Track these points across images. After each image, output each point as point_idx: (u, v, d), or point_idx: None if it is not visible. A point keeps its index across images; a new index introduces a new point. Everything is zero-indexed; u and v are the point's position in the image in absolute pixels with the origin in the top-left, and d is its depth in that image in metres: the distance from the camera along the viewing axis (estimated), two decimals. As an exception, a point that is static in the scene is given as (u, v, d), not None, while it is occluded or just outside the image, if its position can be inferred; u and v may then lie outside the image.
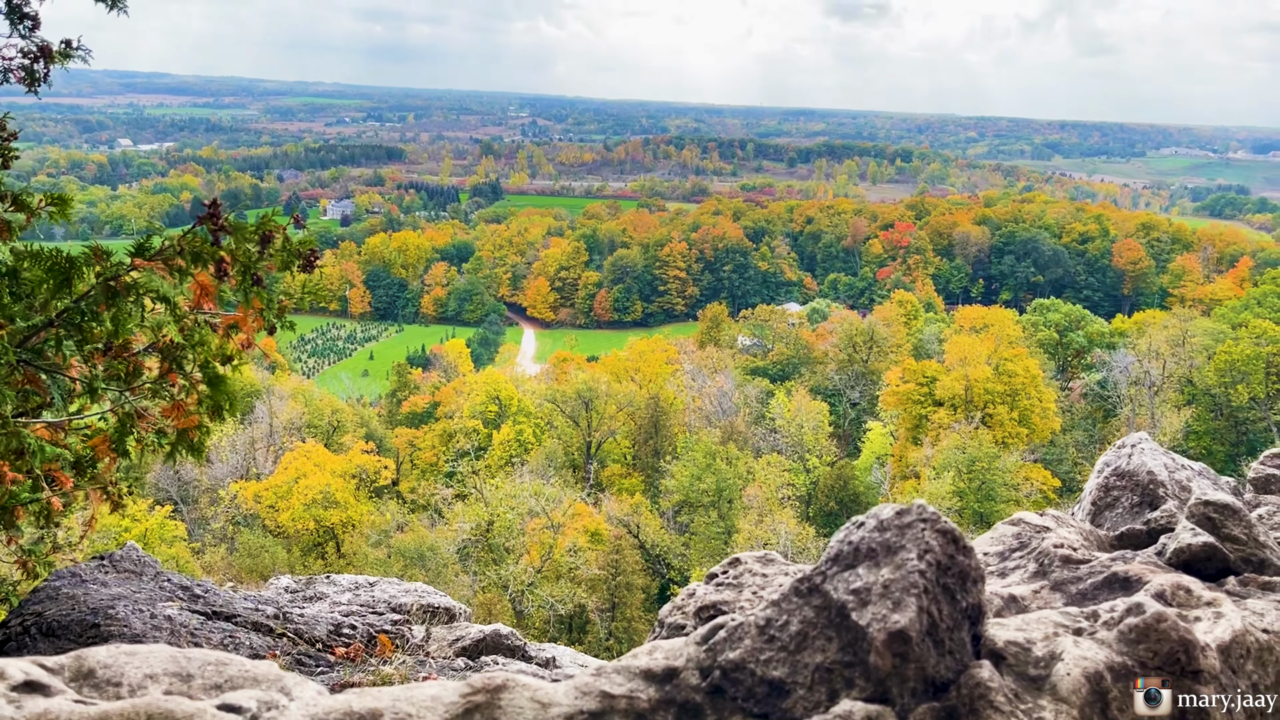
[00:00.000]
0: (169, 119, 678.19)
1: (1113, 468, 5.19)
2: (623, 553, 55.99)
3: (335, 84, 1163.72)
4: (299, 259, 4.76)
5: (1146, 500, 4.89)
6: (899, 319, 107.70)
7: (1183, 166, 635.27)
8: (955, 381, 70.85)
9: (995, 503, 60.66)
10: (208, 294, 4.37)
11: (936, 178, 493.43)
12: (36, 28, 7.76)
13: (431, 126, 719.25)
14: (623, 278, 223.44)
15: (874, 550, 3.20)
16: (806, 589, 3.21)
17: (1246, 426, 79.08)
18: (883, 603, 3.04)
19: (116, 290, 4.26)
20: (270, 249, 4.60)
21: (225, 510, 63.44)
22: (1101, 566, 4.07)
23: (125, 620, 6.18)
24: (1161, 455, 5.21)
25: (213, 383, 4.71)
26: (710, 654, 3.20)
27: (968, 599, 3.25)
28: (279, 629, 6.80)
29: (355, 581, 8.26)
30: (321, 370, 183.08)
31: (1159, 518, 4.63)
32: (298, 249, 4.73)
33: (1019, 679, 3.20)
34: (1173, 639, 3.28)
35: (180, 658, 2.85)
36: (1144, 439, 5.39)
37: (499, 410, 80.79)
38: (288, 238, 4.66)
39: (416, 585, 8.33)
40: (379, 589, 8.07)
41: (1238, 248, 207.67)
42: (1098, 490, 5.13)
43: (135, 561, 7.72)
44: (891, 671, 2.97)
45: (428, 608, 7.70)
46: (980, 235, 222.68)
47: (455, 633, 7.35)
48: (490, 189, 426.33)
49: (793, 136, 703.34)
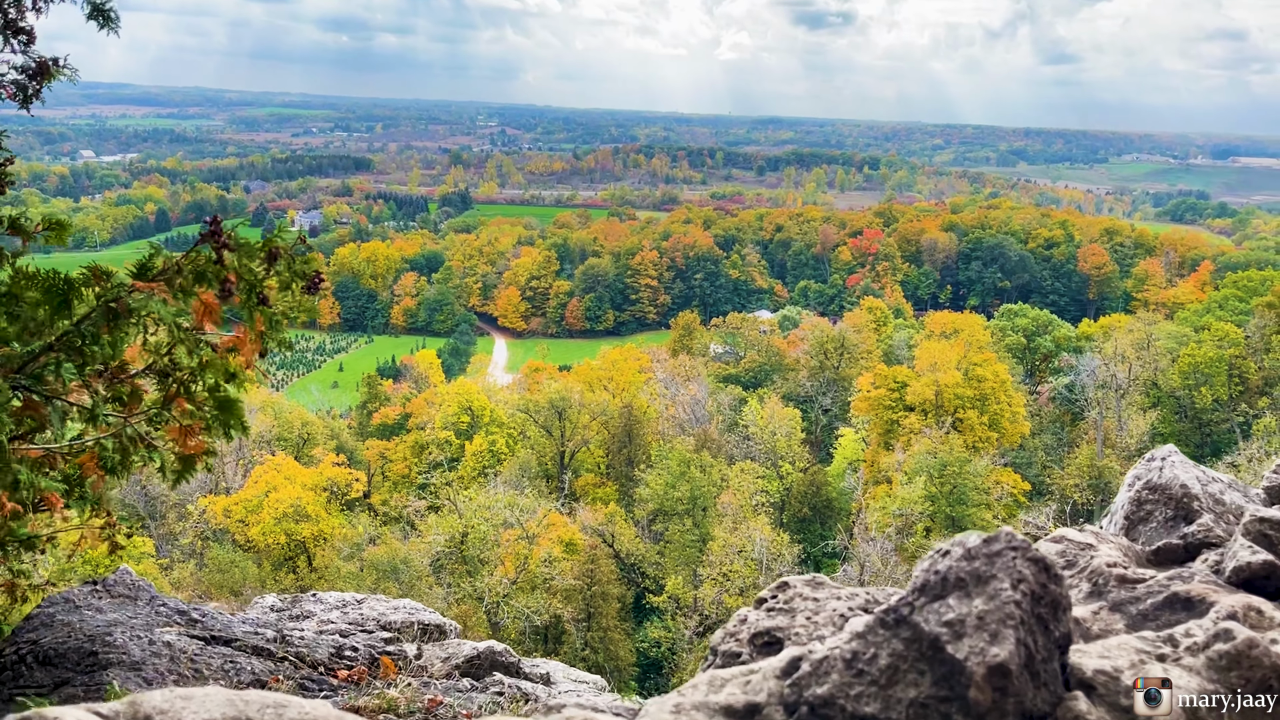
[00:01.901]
0: (132, 130, 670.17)
1: (1144, 481, 5.11)
2: (598, 562, 55.89)
3: (302, 94, 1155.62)
4: (303, 279, 4.69)
5: (1181, 514, 4.82)
6: (869, 325, 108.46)
7: (1144, 172, 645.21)
8: (926, 387, 71.43)
9: (967, 507, 61.17)
10: (211, 314, 4.28)
11: (904, 185, 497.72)
12: (31, 43, 7.62)
13: (400, 136, 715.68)
14: (594, 286, 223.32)
15: (963, 580, 3.10)
16: (894, 620, 3.11)
17: (1210, 428, 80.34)
18: (979, 635, 2.94)
19: (118, 312, 4.18)
20: (275, 267, 4.54)
21: (194, 525, 62.61)
22: (1160, 586, 4.03)
23: (124, 647, 6.06)
24: (1192, 468, 5.15)
25: (223, 406, 4.60)
26: (795, 689, 3.10)
27: (1060, 628, 3.17)
28: (280, 652, 6.67)
29: (342, 599, 8.10)
30: (291, 382, 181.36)
31: (1195, 532, 4.57)
32: (302, 269, 4.66)
33: (1111, 709, 3.13)
34: (1265, 665, 3.19)
35: (238, 700, 2.78)
36: (1173, 451, 5.34)
37: (471, 421, 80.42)
38: (293, 256, 4.59)
39: (405, 602, 8.20)
40: (368, 606, 7.92)
41: (1199, 252, 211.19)
42: (1130, 504, 5.06)
43: (129, 586, 7.56)
44: (991, 706, 2.88)
45: (419, 625, 7.59)
46: (948, 242, 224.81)
47: (448, 650, 7.22)
48: (459, 198, 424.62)
49: (761, 145, 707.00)
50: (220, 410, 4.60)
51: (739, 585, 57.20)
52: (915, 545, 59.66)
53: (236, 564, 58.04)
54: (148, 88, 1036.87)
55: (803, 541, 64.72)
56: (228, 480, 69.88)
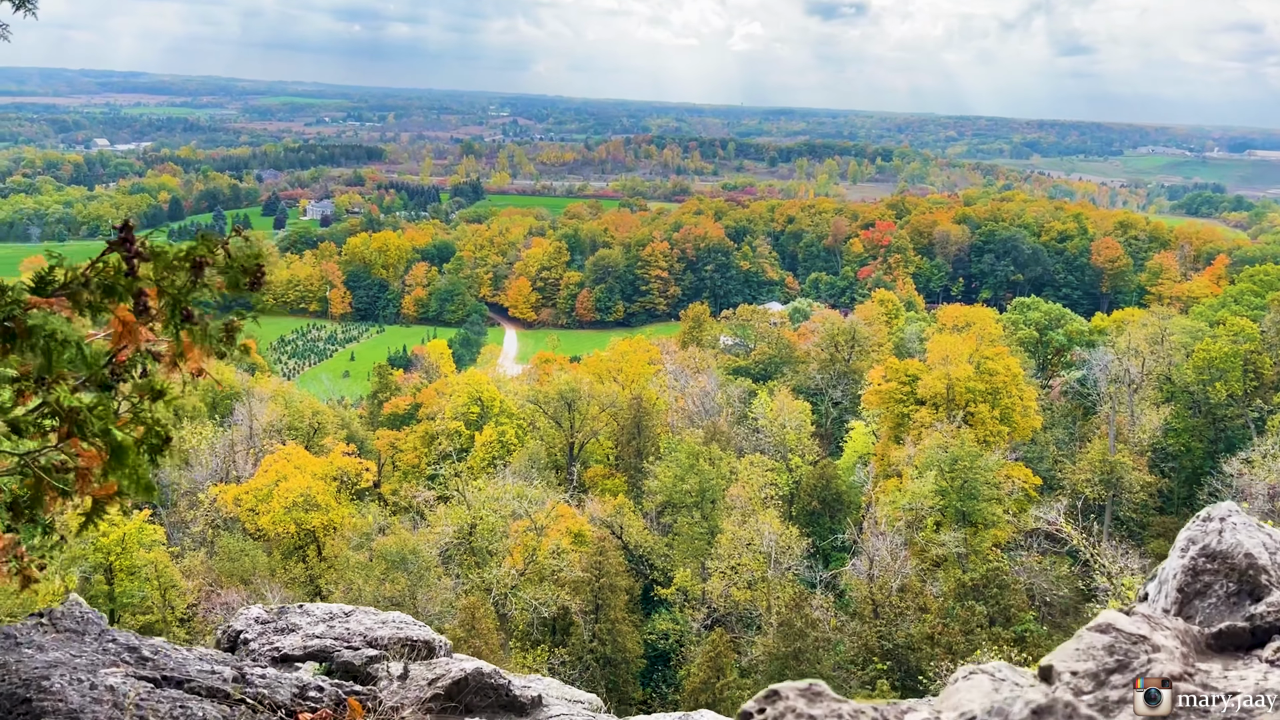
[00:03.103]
0: (146, 118, 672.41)
1: (1200, 546, 4.48)
2: (606, 554, 55.82)
3: (315, 83, 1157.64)
4: (246, 275, 4.21)
5: (1245, 589, 4.16)
6: (880, 318, 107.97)
7: (1159, 165, 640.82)
8: (937, 380, 71.01)
9: (977, 501, 60.84)
10: (132, 335, 3.83)
11: (916, 177, 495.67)
12: None
13: (412, 126, 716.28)
14: (604, 277, 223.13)
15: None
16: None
17: (1225, 424, 79.69)
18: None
19: (14, 333, 3.68)
20: (203, 279, 4.04)
21: (205, 514, 62.78)
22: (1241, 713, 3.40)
23: (61, 694, 5.53)
24: (1257, 531, 4.47)
25: (115, 454, 4.00)
26: None
27: None
28: (237, 694, 6.23)
29: (329, 611, 7.70)
30: (302, 371, 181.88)
31: (1265, 613, 3.94)
32: (241, 265, 4.07)
33: None
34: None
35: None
36: (1233, 510, 4.69)
37: (481, 411, 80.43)
38: (229, 251, 4.10)
39: (394, 615, 7.88)
40: (355, 620, 7.52)
41: (1214, 245, 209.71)
42: (1184, 574, 4.40)
43: (78, 619, 6.96)
44: None
45: (405, 641, 7.22)
46: (960, 234, 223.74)
47: (435, 670, 6.84)
48: (471, 189, 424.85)
49: (773, 136, 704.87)
50: (113, 458, 3.94)
51: (747, 579, 57.08)
52: (925, 539, 59.43)
53: (246, 553, 58.17)
54: (161, 76, 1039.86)
55: (812, 535, 64.55)
56: (238, 469, 70.08)
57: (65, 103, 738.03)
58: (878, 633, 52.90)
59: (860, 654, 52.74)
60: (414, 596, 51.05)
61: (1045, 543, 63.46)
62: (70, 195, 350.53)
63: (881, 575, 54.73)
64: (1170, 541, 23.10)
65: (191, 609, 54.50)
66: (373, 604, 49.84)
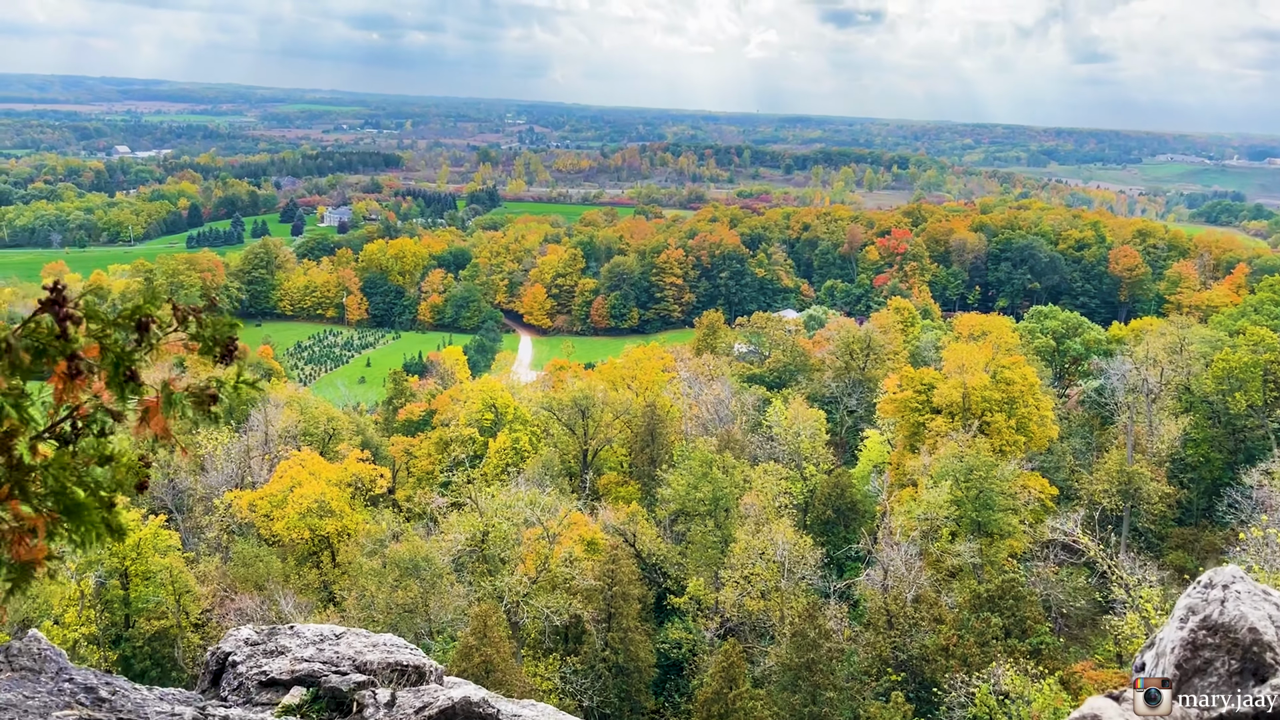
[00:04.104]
0: (166, 126, 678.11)
1: (1201, 618, 4.05)
2: (619, 562, 55.64)
3: (332, 91, 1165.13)
4: (218, 346, 4.04)
5: (1250, 668, 3.76)
6: (896, 326, 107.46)
7: (1178, 173, 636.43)
8: (953, 389, 70.57)
9: (993, 511, 60.37)
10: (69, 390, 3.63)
11: (933, 184, 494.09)
12: None
13: (429, 133, 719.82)
14: (619, 284, 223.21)
15: None
16: None
17: (1244, 434, 78.85)
18: None
19: None
20: (149, 338, 3.85)
21: (220, 519, 63.01)
22: None
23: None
24: (1264, 601, 4.04)
25: (69, 512, 3.85)
26: None
27: None
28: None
29: (320, 633, 7.48)
30: (318, 377, 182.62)
31: (1271, 697, 3.58)
32: (214, 335, 3.92)
33: None
34: None
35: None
36: (1237, 577, 4.28)
37: (495, 418, 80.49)
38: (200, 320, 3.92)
39: (385, 638, 7.68)
40: (345, 642, 7.30)
41: (1234, 254, 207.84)
42: (1183, 648, 3.98)
43: (35, 656, 6.65)
44: None
45: (395, 666, 7.04)
46: (977, 242, 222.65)
47: (423, 698, 6.63)
48: (487, 196, 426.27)
49: (789, 143, 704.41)
50: (67, 516, 3.76)
51: (760, 588, 56.79)
52: (940, 549, 59.00)
53: (261, 558, 58.31)
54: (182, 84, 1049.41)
55: (826, 545, 64.19)
56: (254, 474, 70.32)
57: (87, 110, 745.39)
58: (892, 644, 52.53)
59: (874, 665, 52.36)
60: (426, 604, 51.05)
61: (1062, 554, 62.92)
62: (91, 202, 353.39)
63: (896, 585, 54.36)
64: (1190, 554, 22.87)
65: (206, 614, 54.68)
66: (384, 611, 49.89)
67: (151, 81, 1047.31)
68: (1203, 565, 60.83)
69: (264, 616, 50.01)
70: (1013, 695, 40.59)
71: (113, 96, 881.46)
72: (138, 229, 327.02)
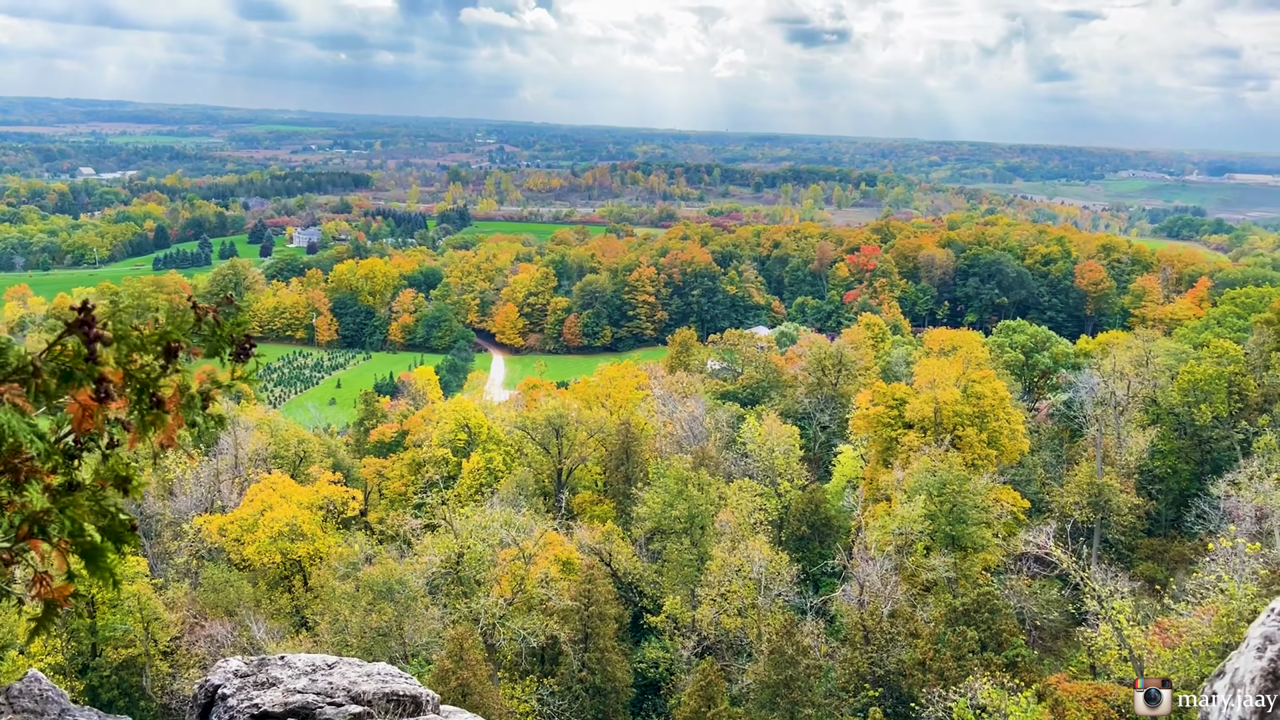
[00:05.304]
0: (132, 147, 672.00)
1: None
2: (595, 582, 55.37)
3: (301, 111, 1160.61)
4: (231, 345, 3.83)
5: None
6: (867, 342, 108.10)
7: (1140, 189, 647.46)
8: (924, 404, 71.00)
9: (967, 525, 60.66)
10: (91, 418, 3.47)
11: (901, 201, 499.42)
12: None
13: (398, 153, 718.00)
14: (592, 303, 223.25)
15: None
16: None
17: (1210, 445, 79.86)
18: None
19: None
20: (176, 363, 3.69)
21: (189, 544, 62.12)
22: None
23: None
24: None
25: (86, 556, 3.68)
26: None
27: None
28: None
29: (312, 663, 7.26)
30: (288, 399, 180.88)
31: None
32: (230, 335, 3.81)
33: None
34: None
35: None
36: None
37: (468, 438, 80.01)
38: (218, 320, 3.80)
39: (380, 668, 7.50)
40: (338, 672, 7.11)
41: (1196, 268, 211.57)
42: (1264, 678, 3.63)
43: (36, 698, 6.44)
44: None
45: (391, 696, 6.91)
46: (945, 258, 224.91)
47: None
48: (458, 215, 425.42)
49: (758, 162, 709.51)
50: (85, 560, 3.63)
51: (737, 605, 56.70)
52: (915, 564, 59.20)
53: (231, 583, 57.53)
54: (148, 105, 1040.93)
55: (801, 560, 64.22)
56: (223, 498, 69.42)
57: (50, 131, 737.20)
58: (869, 659, 52.58)
59: (851, 681, 52.37)
60: (400, 627, 50.53)
61: (1035, 566, 63.31)
62: (55, 224, 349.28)
63: (872, 601, 54.47)
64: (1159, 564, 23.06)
65: (175, 642, 53.80)
66: (358, 635, 49.31)
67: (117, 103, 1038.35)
68: (1172, 576, 61.41)
69: (235, 643, 49.30)
70: (990, 709, 40.70)
71: (77, 118, 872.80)
72: (103, 251, 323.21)
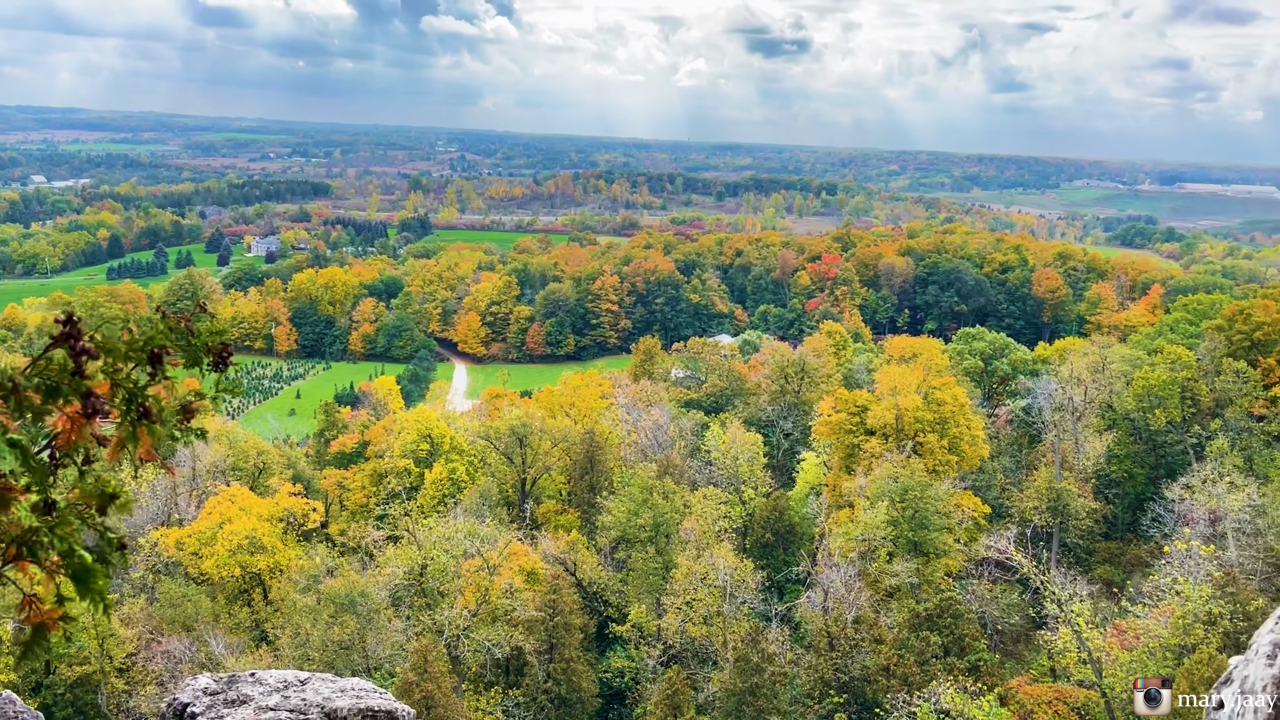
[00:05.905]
0: (85, 155, 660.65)
1: None
2: (560, 592, 55.14)
3: (259, 119, 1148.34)
4: (209, 354, 3.82)
5: None
6: (829, 349, 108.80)
7: (1094, 198, 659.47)
8: (886, 411, 71.63)
9: (929, 531, 61.23)
10: (80, 433, 3.39)
11: (861, 210, 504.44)
12: None
13: (358, 162, 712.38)
14: (555, 311, 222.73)
15: None
16: None
17: (1165, 450, 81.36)
18: None
19: None
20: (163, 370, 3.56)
21: (145, 559, 60.97)
22: None
23: None
24: None
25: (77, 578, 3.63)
26: None
27: None
28: None
29: (284, 679, 7.15)
30: (247, 410, 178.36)
31: None
32: (206, 343, 3.70)
33: None
34: None
35: None
36: None
37: (431, 448, 79.39)
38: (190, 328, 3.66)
39: (353, 683, 7.38)
40: (311, 688, 6.98)
41: (1149, 275, 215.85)
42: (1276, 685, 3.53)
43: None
44: None
45: (366, 712, 6.79)
46: (905, 266, 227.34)
47: None
48: (419, 224, 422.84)
49: (721, 171, 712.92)
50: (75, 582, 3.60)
51: (702, 613, 56.72)
52: (878, 570, 59.60)
53: (189, 598, 56.58)
54: (101, 112, 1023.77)
55: (766, 567, 64.42)
56: (181, 511, 68.27)
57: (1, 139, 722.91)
58: (834, 665, 52.80)
59: (816, 687, 52.55)
60: (363, 640, 49.94)
61: (996, 571, 64.04)
62: (5, 233, 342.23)
63: (836, 607, 54.73)
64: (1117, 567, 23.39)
65: (131, 658, 52.74)
66: (320, 648, 48.65)
67: (69, 110, 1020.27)
68: (1129, 578, 62.45)
69: (193, 659, 48.45)
70: (953, 713, 41.03)
71: (28, 125, 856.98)
72: (55, 260, 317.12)
